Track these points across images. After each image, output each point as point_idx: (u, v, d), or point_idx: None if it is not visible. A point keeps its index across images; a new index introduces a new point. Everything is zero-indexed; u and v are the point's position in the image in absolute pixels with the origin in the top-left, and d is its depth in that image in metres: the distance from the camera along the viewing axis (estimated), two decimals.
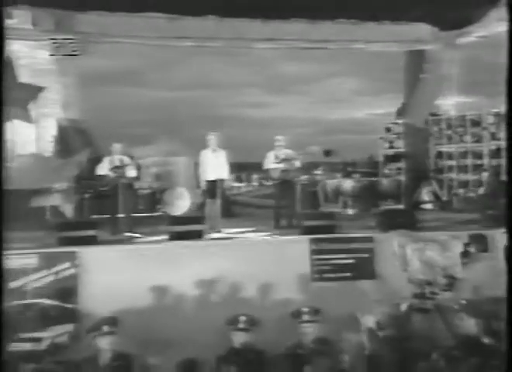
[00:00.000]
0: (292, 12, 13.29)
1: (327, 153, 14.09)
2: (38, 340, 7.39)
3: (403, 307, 6.83)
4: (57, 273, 8.31)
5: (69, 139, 14.57)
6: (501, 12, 12.05)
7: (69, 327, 7.67)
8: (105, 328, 6.25)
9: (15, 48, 13.36)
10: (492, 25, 12.76)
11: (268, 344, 6.48)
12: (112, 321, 6.38)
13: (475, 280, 7.68)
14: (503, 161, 12.11)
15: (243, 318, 6.56)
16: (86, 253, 8.29)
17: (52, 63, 14.14)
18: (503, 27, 12.02)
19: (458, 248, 7.99)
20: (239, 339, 6.50)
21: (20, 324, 7.66)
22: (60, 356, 6.82)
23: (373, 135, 16.04)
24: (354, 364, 5.89)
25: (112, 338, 6.21)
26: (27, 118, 13.87)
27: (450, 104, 15.24)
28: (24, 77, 13.73)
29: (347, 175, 14.69)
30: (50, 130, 14.47)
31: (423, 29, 14.85)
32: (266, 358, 6.29)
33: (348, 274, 8.66)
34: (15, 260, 8.04)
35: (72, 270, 8.30)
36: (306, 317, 6.62)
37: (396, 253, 7.99)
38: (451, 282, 7.50)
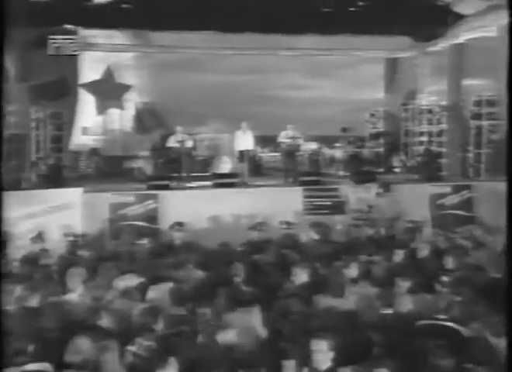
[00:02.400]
0: (307, 28, 14.72)
1: (344, 129, 16.20)
2: (136, 244, 9.21)
3: (345, 225, 10.37)
4: (145, 206, 11.22)
5: (144, 118, 16.77)
6: (458, 30, 14.13)
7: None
8: (177, 227, 9.58)
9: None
10: (453, 39, 14.57)
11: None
12: (181, 224, 9.67)
13: (381, 207, 11.00)
14: (445, 139, 14.63)
15: (256, 225, 9.65)
16: (163, 195, 11.38)
17: (129, 60, 16.42)
18: (460, 40, 14.46)
19: (374, 190, 11.51)
20: (254, 235, 9.38)
21: (128, 235, 10.19)
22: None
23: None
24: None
25: (180, 232, 9.41)
26: (121, 106, 16.48)
27: (421, 95, 16.62)
28: (115, 73, 16.13)
29: (359, 147, 16.41)
30: (130, 111, 16.74)
31: (403, 41, 16.39)
32: (268, 244, 8.72)
33: (327, 211, 11.66)
34: (121, 197, 11.18)
35: (155, 205, 11.26)
36: (284, 226, 9.78)
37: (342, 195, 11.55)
38: (370, 209, 11.00)
